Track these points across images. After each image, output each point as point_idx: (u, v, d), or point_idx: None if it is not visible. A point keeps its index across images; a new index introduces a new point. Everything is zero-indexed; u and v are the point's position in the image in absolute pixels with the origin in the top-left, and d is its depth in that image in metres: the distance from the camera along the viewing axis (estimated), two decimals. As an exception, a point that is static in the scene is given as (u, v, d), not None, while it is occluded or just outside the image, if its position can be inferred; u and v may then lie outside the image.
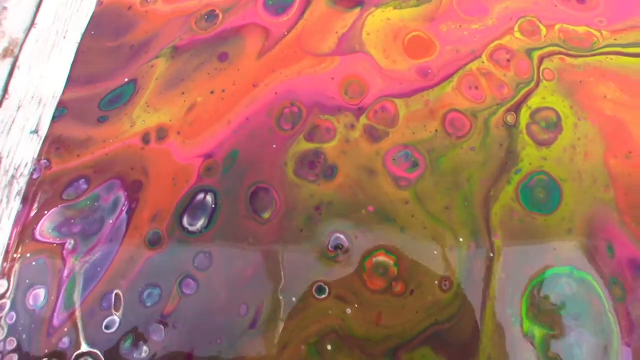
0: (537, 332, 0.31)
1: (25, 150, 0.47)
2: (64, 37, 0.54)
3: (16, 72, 0.54)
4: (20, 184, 0.43)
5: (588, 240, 0.32)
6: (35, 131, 0.48)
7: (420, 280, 0.32)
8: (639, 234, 0.32)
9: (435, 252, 0.32)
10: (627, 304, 0.31)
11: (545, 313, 0.31)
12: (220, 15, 0.41)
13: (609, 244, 0.32)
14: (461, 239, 0.32)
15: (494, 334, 0.31)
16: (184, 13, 0.41)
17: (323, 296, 0.32)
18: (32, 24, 0.58)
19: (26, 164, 0.46)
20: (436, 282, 0.32)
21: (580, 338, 0.30)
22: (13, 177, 0.45)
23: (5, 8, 0.60)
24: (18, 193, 0.43)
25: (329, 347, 0.31)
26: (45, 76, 0.53)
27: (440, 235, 0.32)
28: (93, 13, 0.43)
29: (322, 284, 0.32)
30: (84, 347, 0.31)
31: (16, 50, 0.57)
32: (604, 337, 0.30)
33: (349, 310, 0.31)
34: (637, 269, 0.31)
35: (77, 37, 0.52)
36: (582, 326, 0.30)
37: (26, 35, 0.57)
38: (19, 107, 0.51)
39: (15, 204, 0.41)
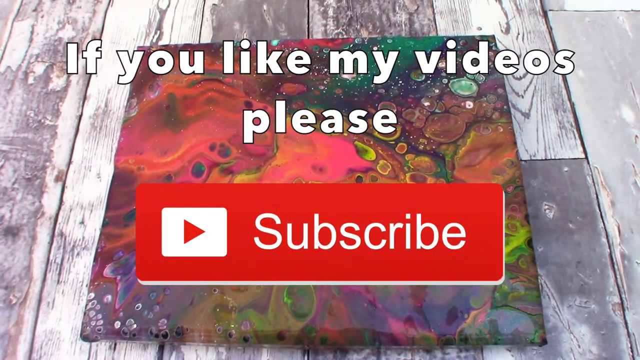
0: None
1: (78, 233, 1.00)
2: (90, 171, 1.08)
3: (66, 190, 1.07)
4: (81, 254, 0.96)
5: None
6: (82, 222, 1.02)
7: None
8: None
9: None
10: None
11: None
12: (173, 177, 0.97)
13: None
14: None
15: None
16: (156, 175, 0.97)
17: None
18: (70, 160, 1.10)
19: (79, 240, 0.99)
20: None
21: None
22: (73, 247, 0.99)
23: (52, 151, 1.11)
24: (78, 255, 0.97)
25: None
26: (82, 192, 1.06)
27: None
28: (114, 173, 0.98)
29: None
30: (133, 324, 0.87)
31: (63, 177, 1.09)
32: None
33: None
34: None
35: (97, 170, 1.05)
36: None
37: (67, 168, 1.10)
38: (70, 210, 1.04)
39: (80, 261, 0.95)
